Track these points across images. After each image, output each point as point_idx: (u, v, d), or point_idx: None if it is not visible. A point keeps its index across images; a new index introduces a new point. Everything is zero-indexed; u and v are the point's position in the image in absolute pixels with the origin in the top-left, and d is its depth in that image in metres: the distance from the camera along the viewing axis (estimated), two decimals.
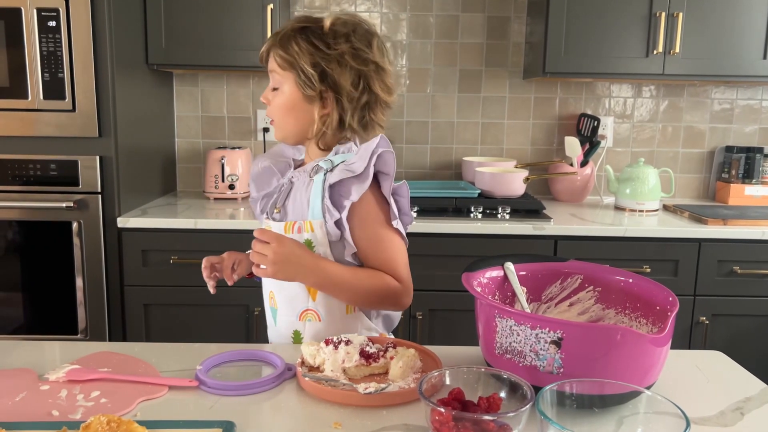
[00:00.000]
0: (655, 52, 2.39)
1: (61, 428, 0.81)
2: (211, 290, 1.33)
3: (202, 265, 1.33)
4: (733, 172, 2.75)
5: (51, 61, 2.06)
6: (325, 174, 1.18)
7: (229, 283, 1.33)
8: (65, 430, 0.81)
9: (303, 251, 1.14)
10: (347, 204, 1.16)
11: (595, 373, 0.86)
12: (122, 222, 2.18)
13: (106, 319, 2.22)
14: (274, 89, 1.24)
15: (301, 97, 1.20)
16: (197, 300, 2.23)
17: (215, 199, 2.57)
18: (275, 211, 1.26)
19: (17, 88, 2.08)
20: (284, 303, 1.25)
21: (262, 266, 1.13)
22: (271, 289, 1.27)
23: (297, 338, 1.25)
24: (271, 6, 2.35)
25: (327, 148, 1.24)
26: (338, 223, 1.17)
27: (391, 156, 1.17)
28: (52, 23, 2.05)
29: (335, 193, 1.17)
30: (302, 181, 1.24)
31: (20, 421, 0.85)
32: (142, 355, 1.10)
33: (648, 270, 2.22)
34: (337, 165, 1.18)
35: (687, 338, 2.28)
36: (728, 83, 2.77)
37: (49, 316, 2.22)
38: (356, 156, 1.17)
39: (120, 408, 0.90)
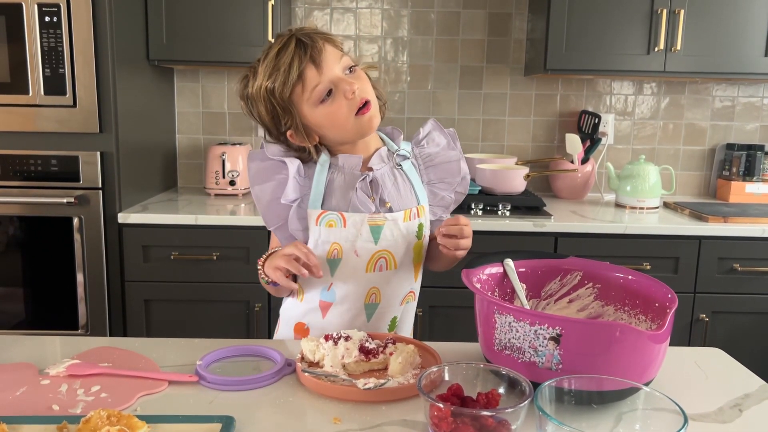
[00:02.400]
0: (656, 49, 2.39)
1: (61, 422, 0.82)
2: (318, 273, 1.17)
3: (304, 256, 1.14)
4: (734, 170, 2.75)
5: (52, 56, 2.06)
6: (410, 160, 1.30)
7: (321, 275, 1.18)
8: (65, 425, 0.81)
9: None
10: (464, 175, 1.32)
11: (594, 369, 0.86)
12: (123, 218, 2.18)
13: (107, 314, 2.22)
14: (351, 70, 1.18)
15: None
16: (198, 296, 2.23)
17: (216, 195, 2.58)
18: (386, 204, 1.23)
19: (18, 83, 2.08)
20: (391, 293, 1.27)
21: (463, 244, 1.19)
22: (374, 284, 1.25)
23: (393, 326, 1.29)
24: (272, 2, 2.34)
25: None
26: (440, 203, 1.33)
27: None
28: (53, 18, 2.04)
29: (437, 171, 1.31)
30: (386, 171, 1.26)
31: (21, 415, 0.86)
32: (142, 350, 1.10)
33: (648, 267, 2.22)
34: (412, 149, 1.31)
35: (687, 335, 2.28)
36: (729, 80, 2.77)
37: (50, 311, 2.23)
38: (433, 136, 1.32)
39: (120, 402, 0.91)
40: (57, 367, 1.00)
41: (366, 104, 1.18)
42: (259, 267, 1.24)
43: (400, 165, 1.28)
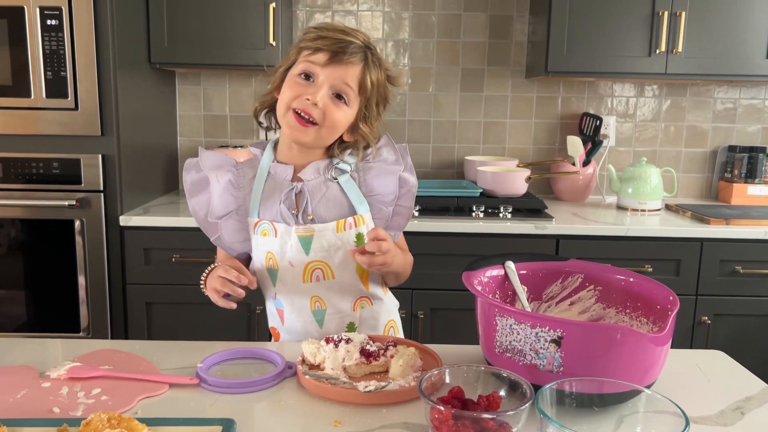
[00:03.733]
0: (657, 51, 2.39)
1: (62, 425, 0.82)
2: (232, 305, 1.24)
3: (233, 282, 1.18)
4: (736, 172, 2.74)
5: (54, 59, 2.07)
6: (350, 173, 1.26)
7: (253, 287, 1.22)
8: (66, 427, 0.81)
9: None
10: (409, 188, 1.28)
11: (595, 371, 0.86)
12: (124, 220, 2.18)
13: (108, 317, 2.22)
14: (338, 97, 1.19)
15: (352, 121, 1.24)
16: (199, 298, 2.20)
17: None
18: (308, 218, 1.23)
19: (20, 86, 2.08)
20: (337, 299, 1.26)
21: (378, 261, 1.16)
22: (316, 294, 1.25)
23: (352, 329, 1.28)
24: (273, 5, 2.35)
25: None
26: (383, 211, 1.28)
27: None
28: (55, 22, 2.05)
29: (374, 184, 1.26)
30: (318, 183, 1.24)
31: (21, 417, 0.86)
32: (143, 352, 1.10)
33: (650, 269, 2.21)
34: (358, 163, 1.27)
35: (689, 338, 2.28)
36: (731, 82, 2.77)
37: (51, 314, 2.23)
38: (382, 151, 1.28)
39: (121, 405, 0.91)
40: (58, 370, 1.00)
41: (309, 120, 1.18)
42: (201, 283, 1.26)
43: (336, 178, 1.26)
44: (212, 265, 1.25)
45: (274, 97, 1.26)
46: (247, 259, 1.34)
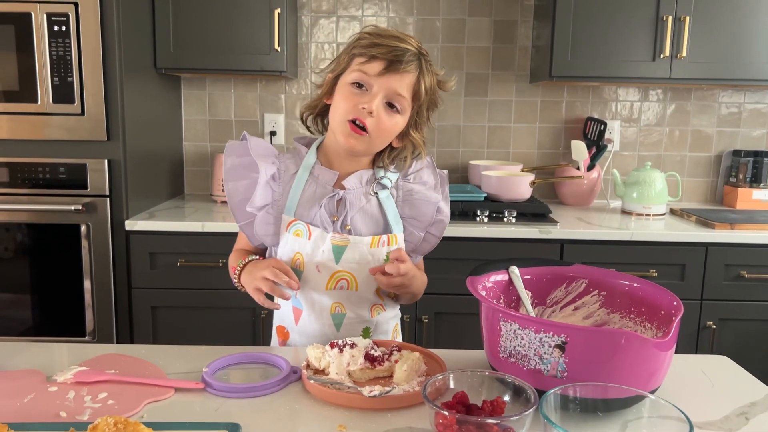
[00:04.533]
0: (661, 56, 2.39)
1: (68, 429, 0.82)
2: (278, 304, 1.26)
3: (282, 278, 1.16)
4: (741, 176, 2.74)
5: (60, 65, 2.08)
6: (390, 190, 1.27)
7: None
8: (73, 431, 0.82)
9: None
10: (443, 218, 1.29)
11: (600, 377, 0.86)
12: (130, 225, 2.19)
13: (114, 321, 2.23)
14: (391, 106, 1.19)
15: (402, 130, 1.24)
16: (204, 302, 2.24)
17: (222, 202, 2.59)
18: (346, 228, 1.23)
19: (27, 92, 2.10)
20: (357, 307, 1.27)
21: (396, 282, 1.18)
22: (336, 300, 1.25)
23: (366, 334, 1.28)
24: (278, 11, 2.36)
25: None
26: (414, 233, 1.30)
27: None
28: (62, 28, 2.06)
29: (412, 209, 1.28)
30: (359, 194, 1.25)
31: (29, 422, 0.86)
32: (149, 357, 1.11)
33: (655, 274, 2.21)
34: (398, 180, 1.29)
35: (694, 342, 2.27)
36: (736, 87, 2.77)
37: (57, 318, 2.24)
38: (423, 173, 1.30)
39: (127, 409, 0.91)
40: (64, 374, 1.01)
41: (364, 129, 1.18)
42: (234, 277, 1.25)
43: (377, 193, 1.27)
44: (246, 260, 1.24)
45: (324, 102, 1.26)
46: (263, 250, 1.33)
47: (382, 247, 1.24)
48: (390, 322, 1.34)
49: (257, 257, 1.24)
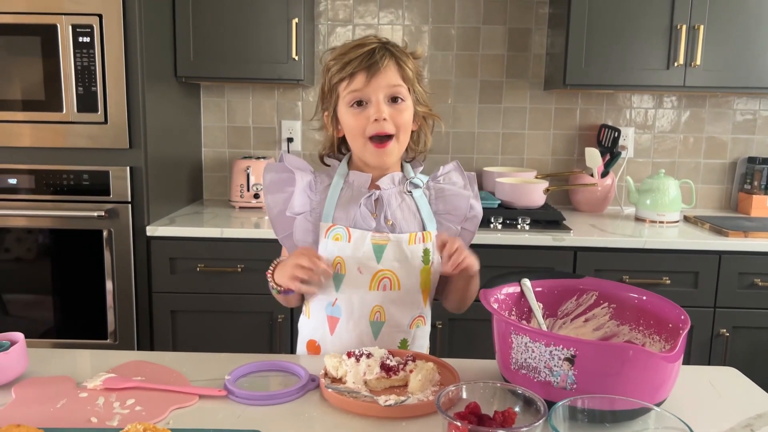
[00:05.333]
0: (676, 64, 2.40)
1: None
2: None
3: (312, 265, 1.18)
4: (756, 183, 2.74)
5: (85, 75, 2.14)
6: (422, 189, 1.33)
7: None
8: None
9: None
10: (475, 214, 1.34)
11: (608, 389, 0.89)
12: (151, 230, 2.24)
13: (135, 324, 2.28)
14: (393, 100, 1.25)
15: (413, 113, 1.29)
16: (223, 307, 2.28)
17: (240, 207, 2.63)
18: (388, 222, 1.27)
19: (52, 101, 2.16)
20: (397, 313, 1.28)
21: (460, 258, 1.20)
22: (378, 303, 1.27)
23: (404, 345, 1.30)
24: (296, 20, 2.40)
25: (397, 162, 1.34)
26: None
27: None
28: (86, 39, 2.12)
29: (445, 204, 1.33)
30: (394, 193, 1.30)
31: (62, 427, 0.91)
32: (173, 364, 1.15)
33: (668, 282, 2.22)
34: (428, 182, 1.35)
35: (707, 351, 2.27)
36: (750, 94, 2.77)
37: (79, 320, 2.30)
38: (452, 175, 1.36)
39: (154, 416, 0.95)
40: (94, 381, 1.05)
41: (386, 138, 1.23)
42: (269, 278, 1.30)
43: (410, 192, 1.32)
44: (276, 260, 1.30)
45: (336, 137, 1.33)
46: None
47: (418, 244, 1.27)
48: (425, 338, 1.36)
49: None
